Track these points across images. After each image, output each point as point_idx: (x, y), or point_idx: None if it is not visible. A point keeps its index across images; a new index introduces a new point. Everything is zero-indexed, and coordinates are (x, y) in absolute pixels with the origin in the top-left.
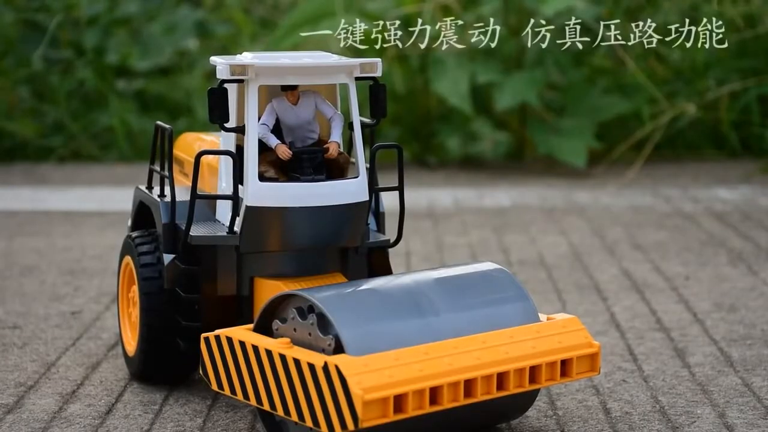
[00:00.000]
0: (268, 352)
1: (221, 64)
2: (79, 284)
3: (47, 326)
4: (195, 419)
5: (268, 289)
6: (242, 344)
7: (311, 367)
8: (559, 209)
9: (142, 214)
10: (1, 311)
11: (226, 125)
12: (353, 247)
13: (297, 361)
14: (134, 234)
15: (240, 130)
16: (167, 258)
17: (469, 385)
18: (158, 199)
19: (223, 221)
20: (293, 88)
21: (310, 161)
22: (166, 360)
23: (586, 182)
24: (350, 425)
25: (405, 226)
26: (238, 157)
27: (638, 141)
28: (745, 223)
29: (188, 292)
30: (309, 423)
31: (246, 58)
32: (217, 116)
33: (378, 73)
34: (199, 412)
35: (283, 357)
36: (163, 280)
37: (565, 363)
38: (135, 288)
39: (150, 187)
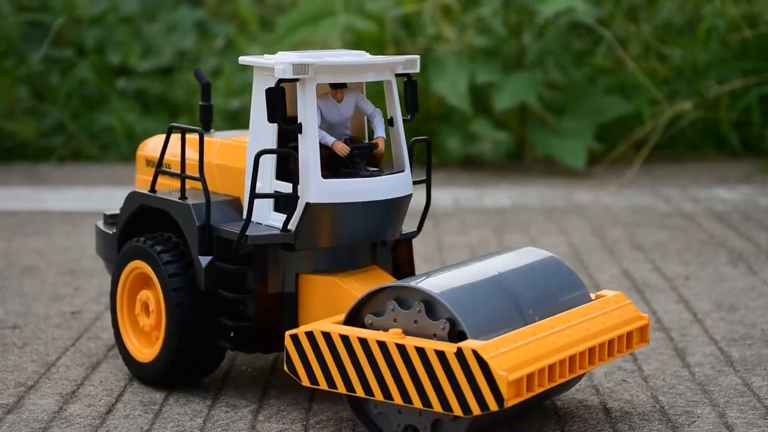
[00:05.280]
0: (381, 344)
1: (280, 63)
2: (79, 284)
3: (47, 326)
4: (195, 419)
5: (321, 286)
6: (344, 338)
7: (440, 353)
8: (559, 209)
9: (140, 218)
10: (1, 311)
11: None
12: (383, 240)
13: (420, 350)
14: (144, 238)
15: (295, 128)
16: (204, 260)
17: (572, 361)
18: (184, 202)
19: (257, 220)
20: (343, 85)
21: (361, 157)
22: (197, 364)
23: (586, 182)
24: (492, 406)
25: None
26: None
27: (638, 140)
28: (745, 223)
29: (235, 292)
30: (437, 408)
31: (292, 56)
32: (277, 116)
33: (416, 70)
34: (199, 412)
35: (401, 347)
36: (197, 282)
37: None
38: (148, 293)
39: (153, 191)
